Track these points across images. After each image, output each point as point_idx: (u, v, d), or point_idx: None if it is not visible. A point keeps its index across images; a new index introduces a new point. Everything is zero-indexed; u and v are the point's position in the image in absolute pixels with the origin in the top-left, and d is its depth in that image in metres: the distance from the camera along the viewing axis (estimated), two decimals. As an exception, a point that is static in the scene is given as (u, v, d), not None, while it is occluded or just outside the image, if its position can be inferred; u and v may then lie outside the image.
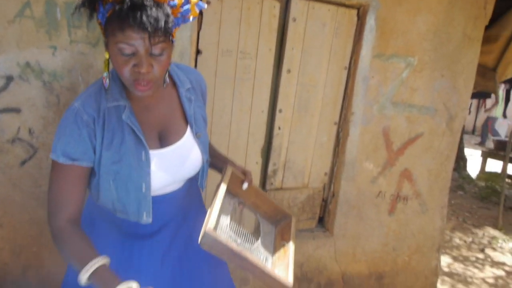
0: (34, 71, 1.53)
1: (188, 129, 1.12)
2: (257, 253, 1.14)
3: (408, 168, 2.23)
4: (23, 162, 1.64)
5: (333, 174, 2.18)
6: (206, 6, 1.00)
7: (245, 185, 1.21)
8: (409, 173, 2.24)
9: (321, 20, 1.86)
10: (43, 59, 1.52)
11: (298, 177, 2.09)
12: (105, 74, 1.01)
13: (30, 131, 1.61)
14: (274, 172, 2.02)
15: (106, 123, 1.01)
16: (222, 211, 1.13)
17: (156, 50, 0.92)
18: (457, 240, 3.92)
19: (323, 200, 2.23)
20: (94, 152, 1.02)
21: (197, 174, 1.20)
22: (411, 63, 2.03)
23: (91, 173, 1.06)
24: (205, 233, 0.98)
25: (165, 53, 0.94)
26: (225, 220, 1.14)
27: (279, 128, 1.95)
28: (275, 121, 1.94)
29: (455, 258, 3.57)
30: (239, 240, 1.11)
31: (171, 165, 1.09)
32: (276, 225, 1.31)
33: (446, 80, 2.14)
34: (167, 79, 1.07)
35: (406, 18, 1.98)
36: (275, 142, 1.97)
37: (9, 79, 1.51)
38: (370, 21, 1.91)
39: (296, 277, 2.22)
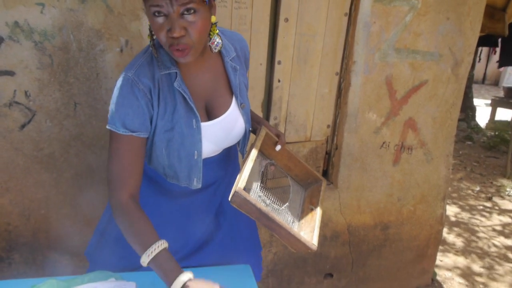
0: (24, 31, 1.49)
1: (234, 100, 1.13)
2: (285, 214, 1.16)
3: (412, 117, 2.19)
4: (23, 126, 1.64)
5: (336, 126, 2.15)
6: None
7: (278, 147, 1.22)
8: (413, 122, 2.21)
9: (318, -36, 1.76)
10: (32, 18, 1.47)
11: (300, 130, 2.07)
12: (150, 43, 1.00)
13: (26, 94, 1.59)
14: (275, 126, 2.00)
15: (160, 92, 1.01)
16: (253, 172, 1.15)
17: (186, 11, 0.89)
18: (464, 190, 3.93)
19: (326, 153, 2.22)
20: (151, 122, 1.03)
21: (238, 142, 1.23)
22: (414, 6, 1.94)
23: None
24: (235, 192, 1.01)
25: (199, 14, 0.90)
26: (256, 181, 1.16)
27: (279, 81, 1.91)
28: (274, 74, 1.90)
29: (462, 208, 3.60)
30: (268, 201, 1.14)
31: (217, 137, 1.11)
32: (306, 188, 1.33)
33: (451, 23, 2.05)
34: (214, 47, 1.03)
35: (409, -43, 1.87)
36: (275, 95, 1.93)
37: (-1, 40, 1.48)
38: (371, -37, 1.81)
39: (302, 230, 2.26)
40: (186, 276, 0.95)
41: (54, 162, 1.74)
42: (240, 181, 1.02)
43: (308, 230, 1.15)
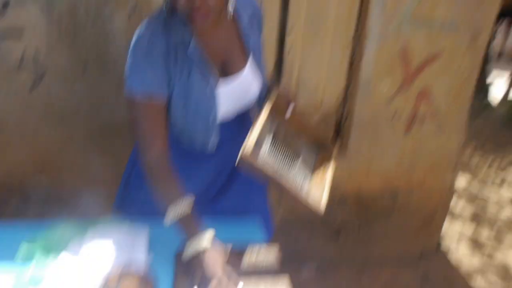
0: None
1: (249, 62, 1.15)
2: (295, 178, 1.19)
3: (426, 88, 2.18)
4: (32, 87, 1.68)
5: (348, 95, 2.18)
6: None
7: (288, 112, 1.25)
8: (427, 93, 2.20)
9: None
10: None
11: (311, 97, 2.10)
12: (164, 8, 1.01)
13: (34, 56, 1.62)
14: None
15: (176, 55, 1.02)
16: (263, 135, 1.16)
17: None
18: (476, 161, 3.91)
19: (337, 121, 2.26)
20: (169, 85, 1.04)
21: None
22: (433, -27, 1.89)
23: None
24: (241, 157, 1.03)
25: None
26: (266, 144, 1.18)
27: (291, 46, 1.93)
28: (286, 39, 1.91)
29: (472, 179, 3.61)
30: (276, 165, 1.16)
31: (232, 97, 1.13)
32: (318, 152, 1.35)
33: (471, -9, 2.00)
34: (231, 10, 1.07)
35: None
36: (287, 61, 1.95)
37: (5, 5, 1.50)
38: None
39: (311, 194, 2.34)
40: (210, 232, 1.01)
41: (65, 123, 1.79)
42: (247, 146, 1.04)
43: (317, 193, 1.18)
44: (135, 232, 1.16)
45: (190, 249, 0.99)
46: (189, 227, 1.01)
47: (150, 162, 1.06)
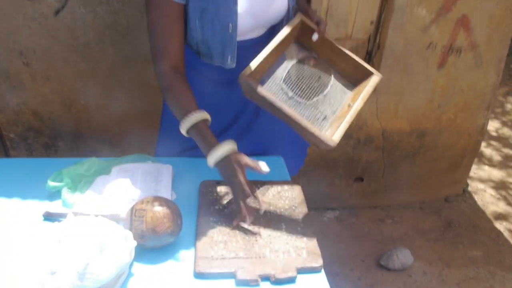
0: None
1: None
2: (312, 109, 1.09)
3: (467, 15, 1.98)
4: (57, 12, 1.60)
5: (380, 24, 1.98)
6: None
7: (315, 36, 1.12)
8: (467, 21, 2.00)
9: None
10: None
11: (341, 26, 1.92)
12: None
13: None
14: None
15: None
16: (280, 61, 1.08)
17: None
18: (509, 106, 3.72)
19: (367, 53, 2.08)
20: None
21: (282, 21, 1.15)
22: None
23: None
24: (240, 78, 0.96)
25: None
26: (283, 71, 1.08)
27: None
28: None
29: (504, 123, 3.44)
30: (290, 93, 1.07)
31: (257, 7, 1.04)
32: (355, 85, 1.20)
33: None
34: None
35: None
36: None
37: None
38: None
39: (334, 133, 2.22)
40: (230, 144, 0.96)
41: (90, 51, 1.73)
42: (249, 67, 0.96)
43: (334, 127, 1.08)
44: (160, 167, 1.14)
45: (212, 158, 0.96)
46: (206, 138, 0.98)
47: (163, 71, 1.02)
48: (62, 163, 1.12)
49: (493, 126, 3.35)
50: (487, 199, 2.65)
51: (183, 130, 0.99)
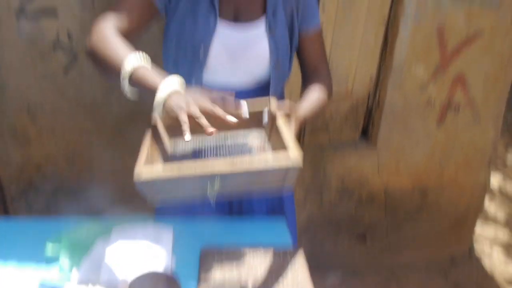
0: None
1: (263, 19, 1.07)
2: (232, 148, 0.95)
3: (463, 73, 2.05)
4: (66, 69, 1.65)
5: (379, 81, 2.05)
6: None
7: (265, 117, 1.01)
8: (463, 78, 2.06)
9: None
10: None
11: (341, 83, 1.98)
12: None
13: (68, 36, 1.59)
14: (316, 78, 1.92)
15: None
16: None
17: None
18: (510, 158, 3.72)
19: (367, 109, 2.13)
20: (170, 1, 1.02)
21: (269, 81, 1.12)
22: None
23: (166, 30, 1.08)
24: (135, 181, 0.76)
25: None
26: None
27: (322, 26, 1.81)
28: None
29: (507, 176, 3.42)
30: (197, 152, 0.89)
31: (233, 46, 1.06)
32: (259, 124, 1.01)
33: (515, -35, 1.87)
34: None
35: None
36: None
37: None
38: None
39: (337, 190, 2.21)
40: (176, 79, 0.85)
41: (96, 107, 1.76)
42: (138, 164, 0.79)
43: (278, 148, 0.86)
44: (160, 230, 1.11)
45: (158, 98, 0.81)
46: (150, 77, 0.85)
47: (101, 26, 0.94)
48: (61, 222, 1.10)
49: (495, 179, 3.34)
50: (495, 261, 2.56)
51: (124, 80, 0.87)
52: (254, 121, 0.97)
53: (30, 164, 1.83)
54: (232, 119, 0.80)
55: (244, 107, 0.87)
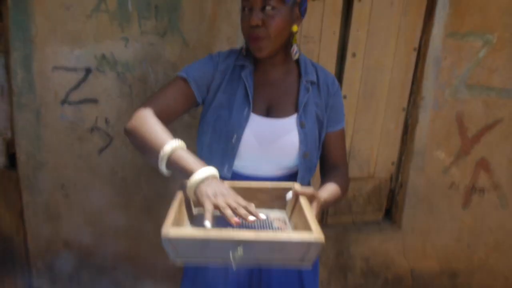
0: (109, 62, 1.63)
1: (295, 115, 1.14)
2: (258, 224, 0.93)
3: (485, 157, 2.06)
4: (101, 150, 1.75)
5: (401, 164, 2.07)
6: None
7: (289, 195, 1.03)
8: (486, 163, 2.07)
9: None
10: (117, 51, 1.61)
11: (363, 166, 2.01)
12: (244, 45, 1.14)
13: (106, 121, 1.71)
14: (338, 160, 1.97)
15: (228, 74, 1.13)
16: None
17: (266, 5, 1.01)
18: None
19: (390, 191, 2.13)
20: (207, 88, 1.13)
21: (297, 172, 1.15)
22: (489, 41, 1.87)
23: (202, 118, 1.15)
24: (162, 239, 0.77)
25: (278, 12, 1.02)
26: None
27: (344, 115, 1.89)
28: (340, 107, 1.89)
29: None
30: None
31: (262, 133, 1.11)
32: (281, 205, 1.04)
33: (529, 59, 1.95)
34: (293, 55, 1.13)
35: (484, -9, 1.82)
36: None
37: (88, 71, 1.62)
38: (443, -2, 1.79)
39: (362, 272, 2.15)
40: (211, 169, 0.90)
41: (126, 185, 1.82)
42: (167, 222, 0.79)
43: (301, 227, 0.87)
44: None
45: (192, 182, 0.88)
46: (188, 161, 0.91)
47: (140, 112, 1.04)
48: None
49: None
50: None
51: (161, 163, 0.92)
52: (277, 201, 1.03)
53: (58, 239, 1.87)
54: (252, 218, 0.84)
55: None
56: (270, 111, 1.14)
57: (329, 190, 1.11)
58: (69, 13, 1.54)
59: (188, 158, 0.92)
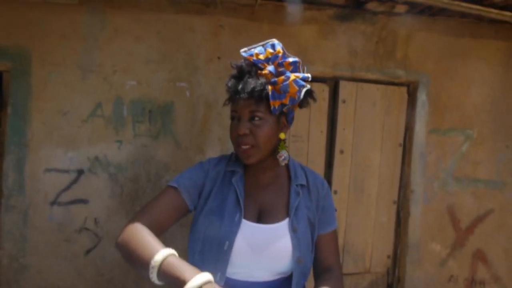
0: (101, 164, 1.65)
1: (287, 219, 1.13)
2: None
3: (481, 249, 2.03)
4: (88, 251, 1.71)
5: (397, 257, 2.03)
6: (307, 84, 1.06)
7: None
8: (483, 254, 2.04)
9: (370, 100, 1.88)
10: (110, 153, 1.64)
11: (358, 261, 1.96)
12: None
13: (95, 221, 1.69)
14: (333, 255, 1.92)
15: (219, 180, 1.14)
16: None
17: (254, 116, 1.05)
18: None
19: (388, 285, 2.06)
20: (199, 196, 1.13)
21: (291, 276, 1.13)
22: (470, 136, 1.95)
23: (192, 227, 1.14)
24: None
25: (265, 122, 1.06)
26: None
27: (336, 210, 1.89)
28: (331, 202, 1.89)
29: None
30: None
31: (255, 240, 1.09)
32: None
33: (511, 151, 2.02)
34: (282, 162, 1.14)
35: (459, 91, 1.95)
36: (332, 224, 1.90)
37: (80, 172, 1.64)
38: (422, 97, 1.90)
39: None
40: (206, 276, 0.85)
41: (113, 287, 1.74)
42: None
43: None
44: None
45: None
46: (181, 269, 0.88)
47: (132, 223, 1.02)
48: None
49: None
50: None
51: (152, 275, 0.90)
52: None
53: None
54: None
55: None
56: (261, 217, 1.13)
57: None
58: (65, 118, 1.60)
59: (180, 266, 0.89)
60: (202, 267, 1.04)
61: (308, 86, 1.07)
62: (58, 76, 1.60)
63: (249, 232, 1.09)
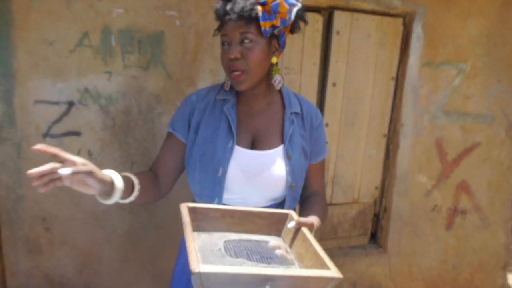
0: (92, 96, 1.63)
1: (281, 146, 1.14)
2: (276, 261, 0.93)
3: (465, 180, 2.11)
4: (82, 185, 1.73)
5: (384, 188, 2.10)
6: (297, 3, 1.03)
7: (291, 224, 1.04)
8: (467, 185, 2.12)
9: (365, 31, 1.83)
10: (100, 84, 1.61)
11: (347, 192, 2.04)
12: (226, 80, 1.16)
13: (89, 153, 1.70)
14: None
15: (208, 110, 1.16)
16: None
17: (245, 39, 1.03)
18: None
19: (374, 215, 2.16)
20: (189, 129, 1.16)
21: (284, 201, 1.16)
22: (463, 70, 1.94)
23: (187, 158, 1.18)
24: (192, 276, 0.76)
25: (256, 45, 1.04)
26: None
27: (326, 143, 1.92)
28: (322, 135, 1.92)
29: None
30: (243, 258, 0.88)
31: (248, 166, 1.12)
32: (277, 231, 1.06)
33: (503, 85, 2.02)
34: (276, 86, 1.14)
35: (455, 23, 1.90)
36: (322, 156, 1.94)
37: (71, 104, 1.62)
38: (417, 29, 1.86)
39: (349, 296, 2.14)
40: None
41: (109, 218, 1.80)
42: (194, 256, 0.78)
43: (313, 264, 0.89)
44: None
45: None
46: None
47: None
48: None
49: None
50: None
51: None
52: (274, 227, 1.06)
53: (39, 272, 1.83)
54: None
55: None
56: (255, 143, 1.14)
57: (317, 215, 1.12)
58: (51, 48, 1.55)
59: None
60: (201, 194, 1.14)
61: (299, 5, 1.04)
62: (41, 3, 1.53)
63: (242, 158, 1.11)
